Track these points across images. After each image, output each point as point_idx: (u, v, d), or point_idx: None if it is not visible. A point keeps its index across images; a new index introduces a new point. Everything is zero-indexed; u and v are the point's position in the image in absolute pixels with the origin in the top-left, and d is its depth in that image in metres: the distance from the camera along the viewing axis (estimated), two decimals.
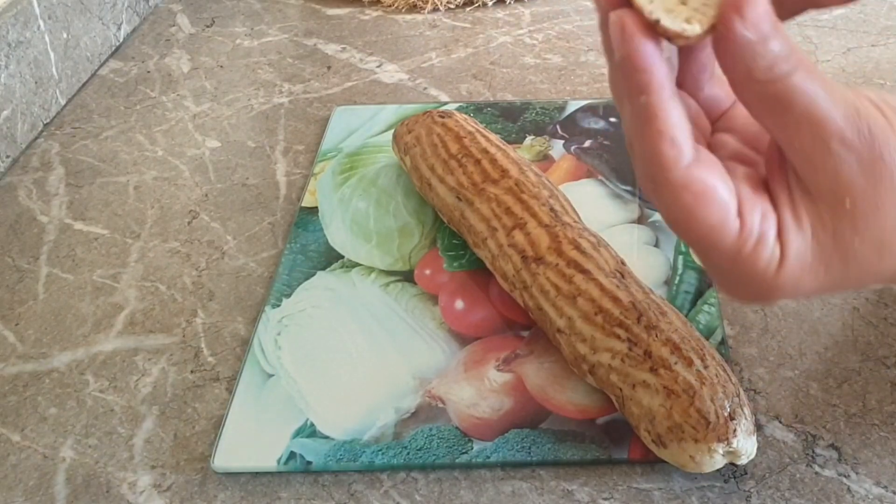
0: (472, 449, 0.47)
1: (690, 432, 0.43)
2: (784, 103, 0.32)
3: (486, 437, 0.47)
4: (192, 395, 0.52)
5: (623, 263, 0.51)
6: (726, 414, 0.43)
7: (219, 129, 0.77)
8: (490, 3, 0.94)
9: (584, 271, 0.49)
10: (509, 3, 0.94)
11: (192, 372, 0.54)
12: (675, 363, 0.44)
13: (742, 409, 0.43)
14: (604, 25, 0.34)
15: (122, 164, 0.73)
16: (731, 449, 0.43)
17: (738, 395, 0.44)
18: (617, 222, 0.60)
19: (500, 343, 0.52)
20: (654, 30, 0.31)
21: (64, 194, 0.70)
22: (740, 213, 0.33)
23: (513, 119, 0.72)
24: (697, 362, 0.44)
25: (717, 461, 0.43)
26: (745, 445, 0.43)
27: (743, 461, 0.44)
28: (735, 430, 0.42)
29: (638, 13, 0.31)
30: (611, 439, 0.46)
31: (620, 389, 0.46)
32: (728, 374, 0.45)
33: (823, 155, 0.32)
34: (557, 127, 0.71)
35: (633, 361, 0.45)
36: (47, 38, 0.79)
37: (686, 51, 0.37)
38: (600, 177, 0.65)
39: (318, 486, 0.46)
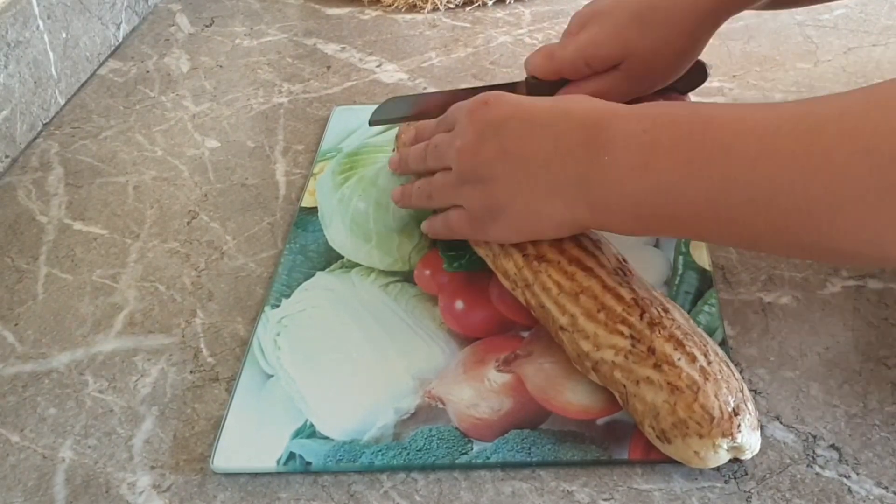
0: (471, 449, 0.47)
1: (695, 428, 0.43)
2: None
3: (485, 438, 0.47)
4: (192, 396, 0.52)
5: (624, 261, 0.51)
6: (730, 409, 0.43)
7: (218, 129, 0.77)
8: (490, 3, 0.94)
9: (585, 268, 0.49)
10: (509, 3, 0.94)
11: (191, 372, 0.53)
12: (679, 359, 0.44)
13: (746, 405, 0.43)
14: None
15: (122, 164, 0.73)
16: (735, 444, 0.43)
17: (742, 391, 0.44)
18: None
19: (500, 343, 0.52)
20: None
21: (63, 194, 0.70)
22: None
23: None
24: (701, 358, 0.44)
25: (722, 456, 0.43)
26: (750, 440, 0.43)
27: (747, 456, 0.44)
28: (739, 426, 0.42)
29: None
30: (611, 440, 0.46)
31: (624, 386, 0.45)
32: (731, 370, 0.45)
33: None
34: None
35: (637, 358, 0.45)
36: (46, 38, 0.79)
37: None
38: None
39: (317, 486, 0.46)
